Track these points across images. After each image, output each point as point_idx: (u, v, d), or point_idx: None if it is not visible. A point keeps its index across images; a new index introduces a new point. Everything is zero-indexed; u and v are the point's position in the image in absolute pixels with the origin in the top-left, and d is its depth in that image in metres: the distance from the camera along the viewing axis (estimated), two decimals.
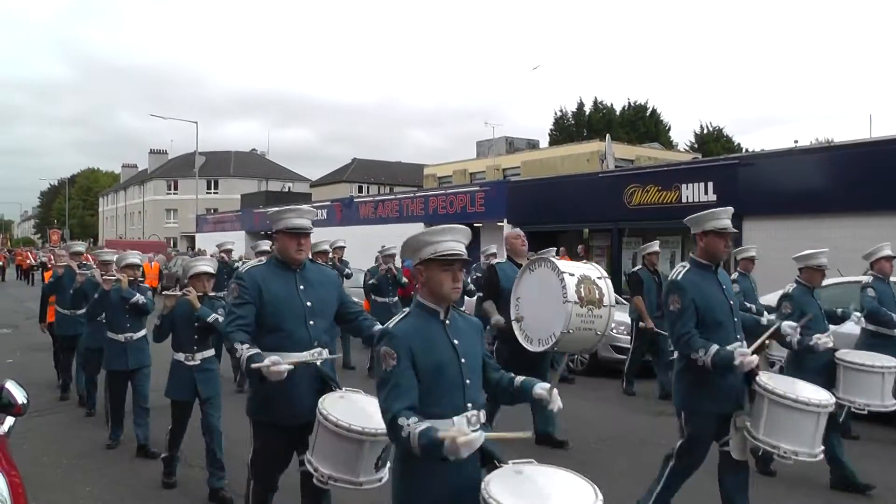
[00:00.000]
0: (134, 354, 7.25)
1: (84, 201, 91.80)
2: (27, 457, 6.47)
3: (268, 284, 4.06)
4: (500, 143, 41.03)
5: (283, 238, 4.16)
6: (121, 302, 7.27)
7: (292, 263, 4.17)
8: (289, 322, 4.04)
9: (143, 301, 7.28)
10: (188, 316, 6.02)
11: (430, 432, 2.69)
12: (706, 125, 55.90)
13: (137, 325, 7.35)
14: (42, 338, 14.94)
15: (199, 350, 6.09)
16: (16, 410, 3.53)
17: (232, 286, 4.08)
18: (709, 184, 16.62)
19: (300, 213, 4.21)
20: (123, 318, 7.28)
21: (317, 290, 4.21)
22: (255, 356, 3.78)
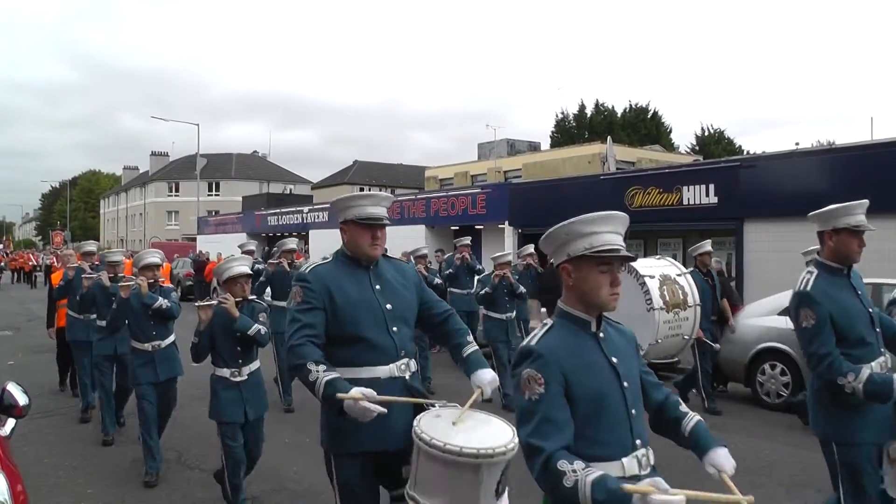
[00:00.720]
0: (164, 365, 6.49)
1: (85, 203, 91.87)
2: (29, 459, 6.49)
3: (339, 285, 3.38)
4: (502, 146, 41.05)
5: (353, 230, 3.48)
6: (143, 308, 6.47)
7: (365, 260, 3.50)
8: (370, 329, 3.34)
9: (166, 305, 6.50)
10: (228, 327, 5.32)
11: (607, 482, 2.15)
12: (707, 127, 55.99)
13: (164, 332, 6.59)
14: (43, 340, 15.02)
15: (244, 363, 5.43)
16: (17, 412, 3.53)
17: (294, 289, 3.40)
18: (710, 186, 16.62)
19: (375, 200, 3.53)
20: (148, 326, 6.50)
21: (396, 289, 3.53)
22: (336, 383, 3.01)
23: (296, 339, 3.21)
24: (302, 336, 3.21)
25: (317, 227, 31.48)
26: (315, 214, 32.79)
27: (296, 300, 3.35)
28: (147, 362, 6.44)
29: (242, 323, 5.29)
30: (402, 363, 3.37)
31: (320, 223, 31.40)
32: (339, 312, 3.32)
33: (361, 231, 3.46)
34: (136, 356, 6.52)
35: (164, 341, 6.57)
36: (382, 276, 3.52)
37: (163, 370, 6.47)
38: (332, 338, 3.32)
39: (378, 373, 3.30)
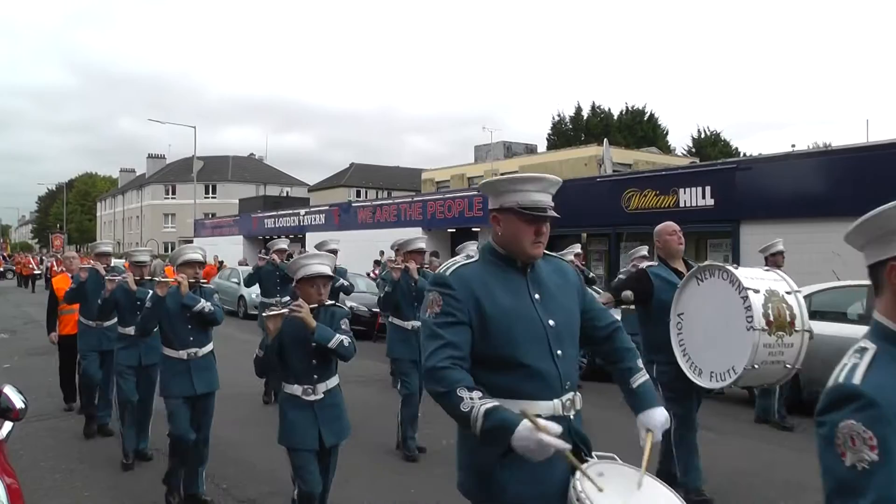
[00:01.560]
0: (202, 376, 5.73)
1: (82, 206, 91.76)
2: (25, 462, 6.46)
3: (489, 292, 2.63)
4: (498, 148, 41.14)
5: (512, 222, 2.70)
6: (181, 311, 5.69)
7: (523, 260, 2.72)
8: (529, 351, 2.59)
9: (209, 309, 5.72)
10: (301, 338, 4.43)
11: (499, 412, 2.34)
12: (704, 129, 56.06)
13: (203, 339, 5.82)
14: (40, 343, 14.98)
15: (320, 379, 4.53)
16: (14, 415, 3.52)
17: (431, 296, 2.66)
18: (706, 188, 16.66)
19: (543, 185, 2.75)
20: (185, 331, 5.73)
21: (558, 299, 2.75)
22: (501, 411, 2.32)
23: (437, 360, 2.53)
24: (445, 357, 2.52)
25: (313, 230, 31.51)
26: (312, 217, 32.82)
27: (433, 310, 2.62)
28: (181, 372, 5.67)
29: (322, 334, 4.37)
30: (567, 398, 2.65)
31: (317, 226, 31.42)
32: (490, 327, 2.60)
33: (523, 224, 2.69)
34: (167, 365, 5.76)
35: (203, 349, 5.79)
36: (542, 282, 2.76)
37: (200, 382, 5.68)
38: (479, 360, 2.59)
39: (541, 409, 2.52)
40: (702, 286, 5.35)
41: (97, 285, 7.54)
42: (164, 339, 5.83)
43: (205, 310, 5.68)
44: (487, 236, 8.06)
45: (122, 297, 6.96)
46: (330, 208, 32.31)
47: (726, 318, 5.04)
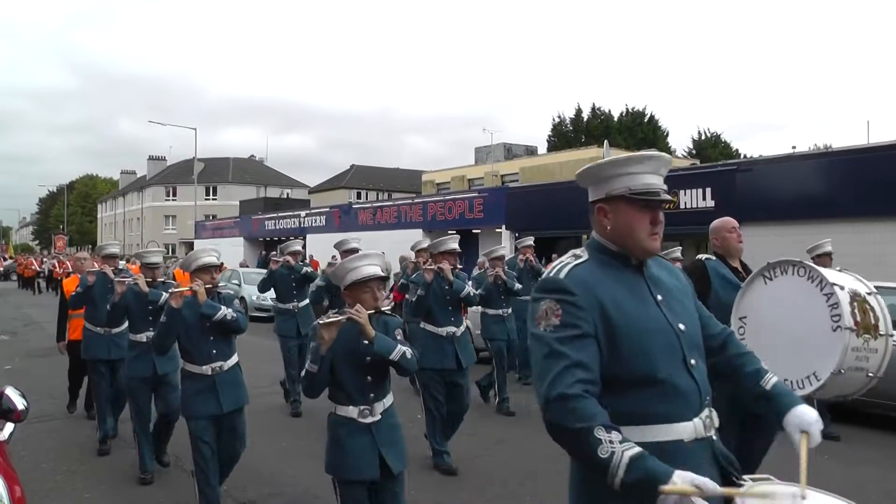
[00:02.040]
0: (228, 392, 5.21)
1: (83, 208, 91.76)
2: (27, 463, 6.46)
3: (613, 297, 2.23)
4: (499, 150, 41.12)
5: (622, 211, 2.32)
6: (200, 322, 5.16)
7: (639, 256, 2.35)
8: (665, 364, 2.21)
9: (231, 316, 5.20)
10: (355, 352, 3.86)
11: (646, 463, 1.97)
12: (704, 131, 56.00)
13: (226, 351, 5.31)
14: (40, 344, 15.02)
15: (378, 398, 3.93)
16: (15, 416, 3.52)
17: (544, 304, 2.22)
18: (707, 190, 16.66)
19: (654, 165, 2.38)
20: (206, 343, 5.21)
21: (681, 301, 2.40)
22: (646, 462, 1.96)
23: (565, 386, 2.07)
24: (575, 382, 2.07)
25: (314, 232, 31.51)
26: (312, 219, 32.82)
27: (550, 321, 2.19)
28: (205, 390, 5.14)
29: (382, 345, 3.83)
30: (705, 415, 2.26)
31: (317, 227, 31.41)
32: (619, 339, 2.19)
33: (636, 212, 2.31)
34: (189, 383, 5.23)
35: (227, 362, 5.26)
36: (660, 282, 2.39)
37: (227, 399, 5.16)
38: (608, 380, 2.18)
39: (679, 433, 2.18)
40: (771, 284, 4.83)
41: (105, 289, 7.27)
42: (183, 354, 5.32)
43: (226, 318, 5.17)
44: (487, 237, 7.81)
45: (133, 301, 6.43)
46: (330, 210, 32.30)
47: (804, 318, 4.50)
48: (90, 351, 7.50)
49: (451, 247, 7.21)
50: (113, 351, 7.38)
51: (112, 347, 7.39)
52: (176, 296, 5.11)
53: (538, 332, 2.20)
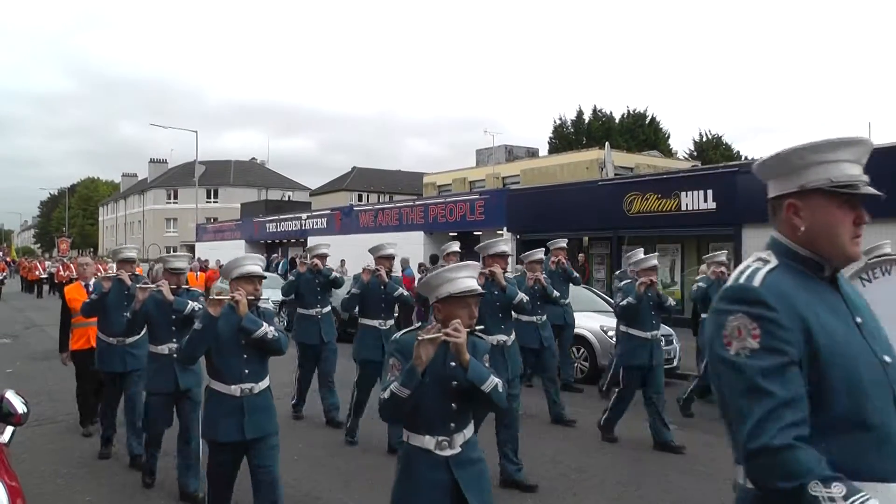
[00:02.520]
0: (254, 419, 4.63)
1: (84, 211, 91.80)
2: (27, 467, 6.45)
3: (815, 314, 1.82)
4: (500, 152, 41.06)
5: (821, 208, 1.94)
6: (235, 336, 4.59)
7: (837, 264, 1.97)
8: (877, 405, 1.79)
9: (273, 335, 4.62)
10: (442, 376, 3.32)
11: None
12: (705, 133, 56.00)
13: (259, 372, 4.72)
14: (42, 347, 15.02)
15: (458, 428, 3.38)
16: (15, 420, 3.52)
17: (735, 322, 1.82)
18: (708, 191, 16.66)
19: (858, 151, 2.10)
20: (239, 362, 4.63)
21: (874, 322, 1.98)
22: None
23: (772, 435, 1.69)
24: (783, 429, 1.69)
25: (315, 234, 31.49)
26: (314, 221, 32.82)
27: (746, 343, 1.78)
28: (231, 412, 4.59)
29: (477, 372, 3.29)
30: None
31: (319, 230, 31.41)
32: (825, 370, 1.77)
33: (838, 209, 1.94)
34: (214, 402, 4.66)
35: (259, 384, 4.69)
36: (854, 300, 1.98)
37: (251, 425, 4.58)
38: None
39: None
40: (871, 286, 4.45)
41: (121, 297, 6.87)
42: (210, 370, 4.75)
43: (267, 336, 4.58)
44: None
45: (155, 310, 5.93)
46: (332, 212, 32.29)
47: None
48: (104, 363, 7.06)
49: (503, 249, 6.69)
50: (129, 362, 6.94)
51: (127, 359, 6.96)
52: (215, 303, 4.51)
53: (730, 358, 1.80)
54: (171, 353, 5.74)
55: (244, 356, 4.62)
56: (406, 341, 3.35)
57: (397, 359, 3.32)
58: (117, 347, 6.94)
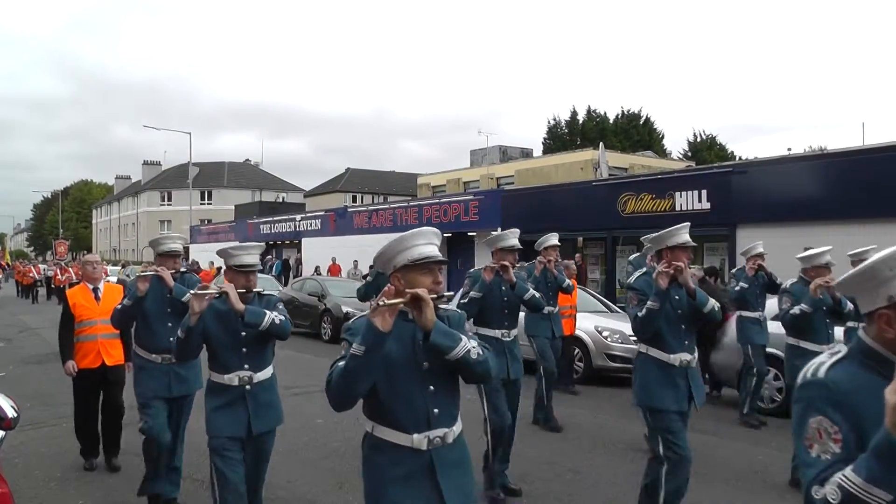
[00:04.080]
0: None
1: (78, 213, 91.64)
2: (19, 471, 6.43)
3: None
4: (494, 153, 41.12)
5: None
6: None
7: None
8: None
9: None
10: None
11: None
12: (699, 133, 56.23)
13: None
14: (35, 350, 14.97)
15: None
16: (5, 424, 3.50)
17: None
18: (702, 192, 16.68)
19: None
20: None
21: None
22: None
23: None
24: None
25: (309, 236, 31.49)
26: (308, 222, 32.80)
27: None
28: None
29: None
30: None
31: (313, 231, 31.39)
32: None
33: None
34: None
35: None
36: None
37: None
38: None
39: None
40: None
41: (162, 301, 5.56)
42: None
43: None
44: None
45: (217, 325, 4.42)
46: (326, 214, 32.27)
47: None
48: (143, 386, 5.59)
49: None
50: (175, 386, 5.61)
51: (174, 381, 5.61)
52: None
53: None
54: (241, 385, 4.37)
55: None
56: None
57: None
58: (161, 367, 5.57)
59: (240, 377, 4.36)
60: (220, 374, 4.39)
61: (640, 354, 5.08)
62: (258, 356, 4.46)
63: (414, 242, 3.18)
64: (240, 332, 4.34)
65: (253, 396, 4.38)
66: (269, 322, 4.32)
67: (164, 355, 5.52)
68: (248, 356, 4.40)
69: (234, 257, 4.48)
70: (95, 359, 6.59)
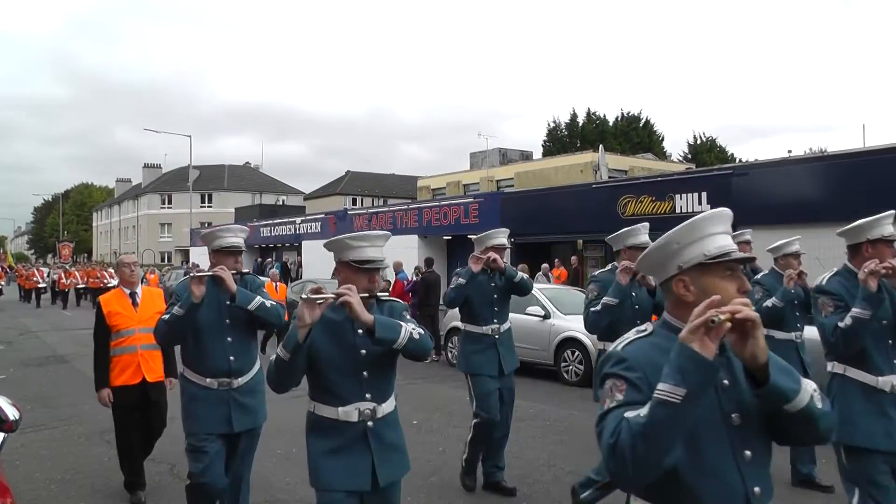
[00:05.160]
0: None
1: (78, 216, 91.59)
2: (19, 473, 6.43)
3: None
4: (494, 155, 41.11)
5: None
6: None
7: None
8: None
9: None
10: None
11: None
12: (699, 135, 56.20)
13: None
14: (36, 353, 15.00)
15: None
16: (7, 427, 3.50)
17: None
18: (702, 194, 16.69)
19: None
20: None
21: None
22: None
23: None
24: None
25: (309, 238, 31.47)
26: (308, 225, 32.80)
27: None
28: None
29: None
30: None
31: (313, 234, 31.38)
32: None
33: None
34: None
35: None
36: None
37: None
38: None
39: None
40: None
41: (220, 310, 4.46)
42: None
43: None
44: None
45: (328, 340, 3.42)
46: (326, 216, 32.25)
47: None
48: (196, 421, 4.51)
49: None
50: (237, 418, 4.51)
51: (236, 412, 4.51)
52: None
53: None
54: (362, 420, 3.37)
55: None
56: None
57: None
58: (218, 394, 4.46)
59: (360, 410, 3.34)
60: (331, 405, 3.35)
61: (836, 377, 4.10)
62: (382, 382, 3.45)
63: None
64: (359, 350, 3.35)
65: (376, 436, 3.37)
66: (405, 338, 3.27)
67: (222, 379, 4.41)
68: (369, 383, 3.38)
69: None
70: (135, 374, 5.59)
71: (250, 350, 4.69)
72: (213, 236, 4.04)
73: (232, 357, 4.42)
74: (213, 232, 4.11)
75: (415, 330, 3.33)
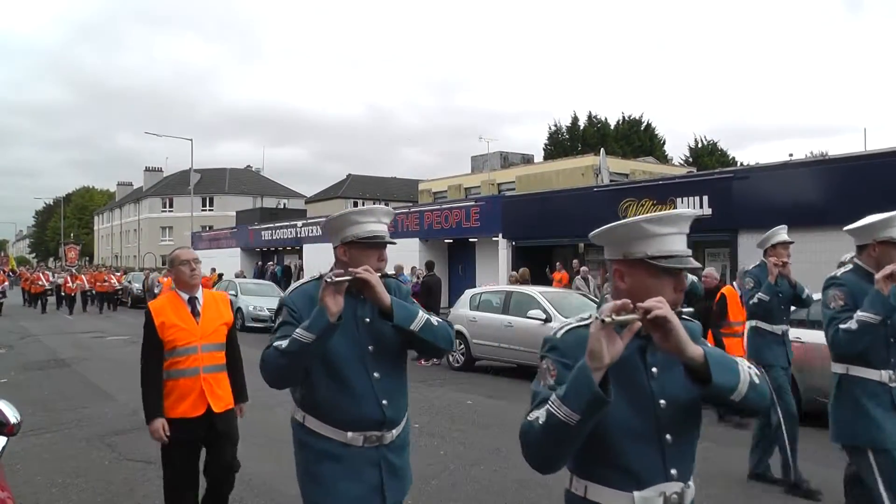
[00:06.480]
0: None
1: (79, 220, 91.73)
2: (20, 477, 6.43)
3: None
4: (495, 158, 41.17)
5: None
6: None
7: None
8: None
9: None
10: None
11: None
12: (701, 139, 56.26)
13: None
14: (37, 357, 14.98)
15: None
16: (8, 430, 3.49)
17: None
18: (704, 197, 16.70)
19: None
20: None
21: None
22: None
23: None
24: None
25: (310, 242, 31.49)
26: (309, 229, 32.82)
27: None
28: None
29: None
30: None
31: (314, 237, 31.40)
32: None
33: None
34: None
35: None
36: None
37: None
38: None
39: None
40: None
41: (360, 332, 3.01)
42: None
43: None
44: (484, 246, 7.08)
45: None
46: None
47: None
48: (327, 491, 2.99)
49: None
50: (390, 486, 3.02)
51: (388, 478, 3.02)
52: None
53: None
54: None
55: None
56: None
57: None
58: (365, 452, 2.98)
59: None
60: None
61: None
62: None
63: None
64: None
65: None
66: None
67: (371, 433, 2.96)
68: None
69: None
70: (197, 403, 4.41)
71: (402, 389, 3.17)
72: (345, 221, 2.88)
73: (385, 401, 2.98)
74: (345, 216, 2.90)
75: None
